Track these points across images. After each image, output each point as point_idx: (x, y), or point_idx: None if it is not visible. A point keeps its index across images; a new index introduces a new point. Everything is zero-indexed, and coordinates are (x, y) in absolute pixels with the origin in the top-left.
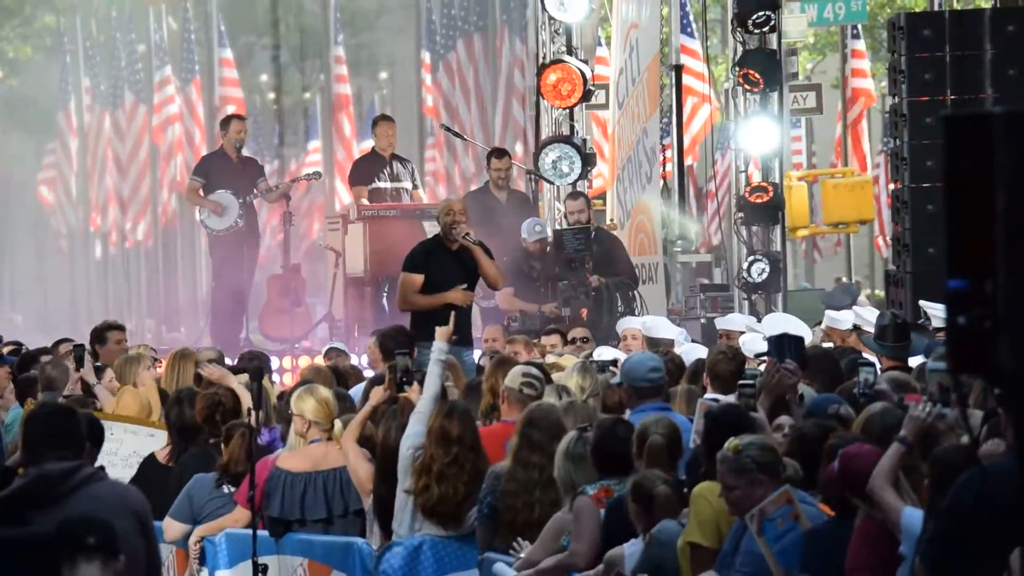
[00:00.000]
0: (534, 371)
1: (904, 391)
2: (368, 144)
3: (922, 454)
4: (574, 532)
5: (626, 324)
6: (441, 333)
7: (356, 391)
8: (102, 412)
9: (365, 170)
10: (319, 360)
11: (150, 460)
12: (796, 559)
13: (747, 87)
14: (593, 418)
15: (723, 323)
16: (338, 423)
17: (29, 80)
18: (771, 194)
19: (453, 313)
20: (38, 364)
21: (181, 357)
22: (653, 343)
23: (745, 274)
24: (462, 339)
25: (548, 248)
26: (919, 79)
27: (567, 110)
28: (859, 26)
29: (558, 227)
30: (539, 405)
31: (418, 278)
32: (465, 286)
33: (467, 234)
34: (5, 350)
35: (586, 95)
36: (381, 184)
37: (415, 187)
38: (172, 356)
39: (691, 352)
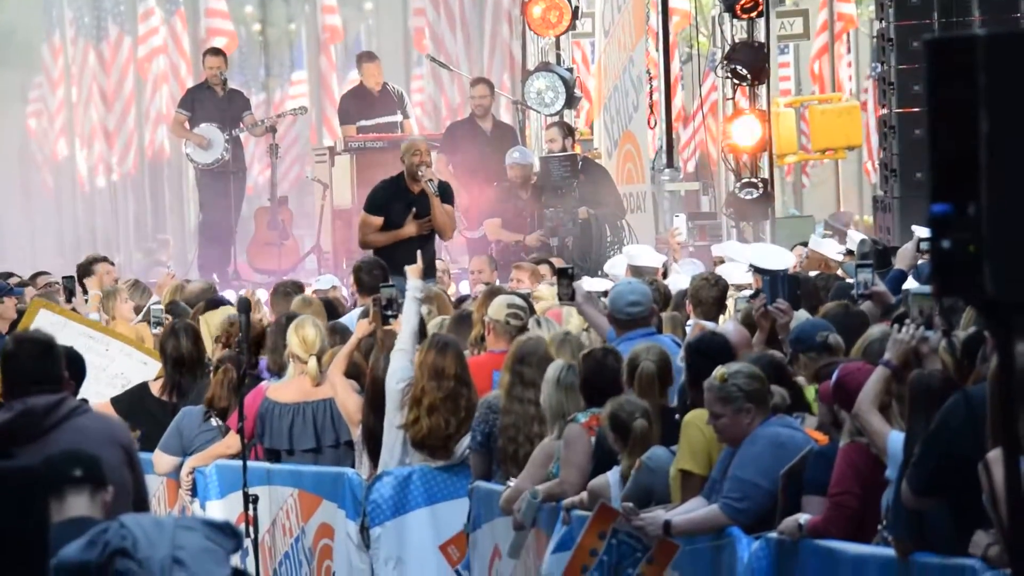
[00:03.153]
0: (518, 301)
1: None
2: (354, 77)
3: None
4: (563, 460)
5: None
6: (413, 271)
7: (350, 319)
8: (104, 327)
9: (352, 107)
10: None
11: (144, 390)
12: None
13: (742, 15)
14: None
15: (719, 249)
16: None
17: (11, 13)
18: (759, 121)
19: (420, 252)
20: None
21: (177, 292)
22: (637, 271)
23: (737, 190)
24: (426, 272)
25: (532, 177)
26: (906, 3)
27: (554, 39)
28: None
29: (544, 155)
30: (527, 339)
31: (377, 220)
32: (415, 212)
33: (429, 180)
34: None
35: (573, 23)
36: (368, 122)
37: (405, 117)
38: (170, 291)
39: (679, 282)
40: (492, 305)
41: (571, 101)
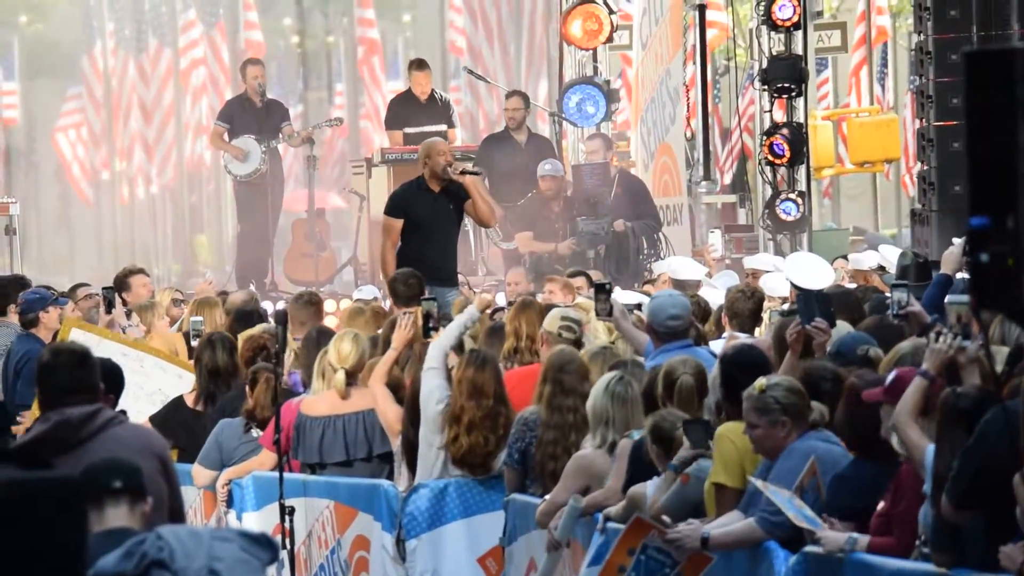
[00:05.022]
0: (572, 314)
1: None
2: (395, 86)
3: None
4: (615, 471)
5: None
6: (480, 302)
7: None
8: (139, 343)
9: (399, 113)
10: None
11: (179, 403)
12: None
13: (781, 24)
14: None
15: (751, 262)
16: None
17: (53, 25)
18: (792, 140)
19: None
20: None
21: (203, 304)
22: (679, 284)
23: (778, 209)
24: (447, 280)
25: (564, 188)
26: (944, 16)
27: (590, 51)
28: None
29: (575, 164)
30: (561, 350)
31: (396, 223)
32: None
33: (463, 171)
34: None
35: (611, 35)
36: (413, 129)
37: (451, 127)
38: (194, 303)
39: (715, 296)
40: (548, 318)
41: (610, 112)
